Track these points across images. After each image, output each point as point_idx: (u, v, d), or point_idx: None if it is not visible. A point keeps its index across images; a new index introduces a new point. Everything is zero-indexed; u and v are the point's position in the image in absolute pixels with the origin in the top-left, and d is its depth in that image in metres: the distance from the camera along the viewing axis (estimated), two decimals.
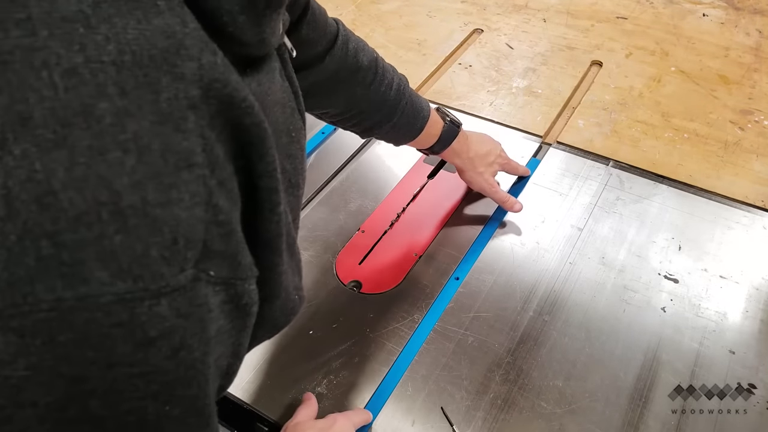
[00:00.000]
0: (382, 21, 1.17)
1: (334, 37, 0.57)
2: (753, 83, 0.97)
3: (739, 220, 0.76)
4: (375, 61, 0.62)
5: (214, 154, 0.26)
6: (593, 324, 0.66)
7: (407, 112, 0.66)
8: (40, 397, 0.22)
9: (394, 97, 0.64)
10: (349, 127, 0.67)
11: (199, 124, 0.25)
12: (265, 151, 0.29)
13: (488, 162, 0.77)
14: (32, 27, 0.22)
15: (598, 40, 1.08)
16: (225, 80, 0.26)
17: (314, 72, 0.57)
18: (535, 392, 0.60)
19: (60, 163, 0.22)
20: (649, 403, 0.59)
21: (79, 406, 0.23)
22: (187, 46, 0.25)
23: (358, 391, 0.61)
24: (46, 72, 0.22)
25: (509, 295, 0.69)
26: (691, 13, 1.13)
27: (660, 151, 0.86)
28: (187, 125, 0.24)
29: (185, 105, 0.24)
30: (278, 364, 0.64)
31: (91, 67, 0.22)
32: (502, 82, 1.01)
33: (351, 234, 0.77)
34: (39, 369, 0.22)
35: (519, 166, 0.82)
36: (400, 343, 0.65)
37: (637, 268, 0.71)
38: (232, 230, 0.26)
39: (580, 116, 0.93)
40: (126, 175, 0.23)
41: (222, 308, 0.26)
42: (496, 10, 1.18)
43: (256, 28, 0.29)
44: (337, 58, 0.58)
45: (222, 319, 0.27)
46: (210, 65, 0.25)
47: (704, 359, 0.62)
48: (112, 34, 0.23)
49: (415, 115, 0.67)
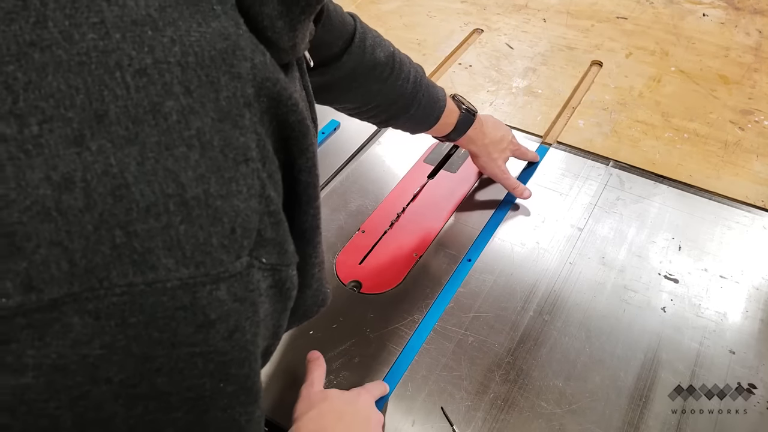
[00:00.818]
0: (382, 21, 1.17)
1: (351, 35, 0.57)
2: (753, 83, 0.97)
3: (739, 220, 0.76)
4: (392, 55, 0.62)
5: (266, 149, 0.27)
6: (593, 324, 0.66)
7: (424, 103, 0.66)
8: (114, 375, 0.24)
9: (411, 89, 0.64)
10: (367, 119, 0.68)
11: (253, 120, 0.26)
12: (306, 146, 0.31)
13: (501, 148, 0.78)
14: (106, 30, 0.23)
15: (598, 40, 1.08)
16: (275, 79, 0.27)
17: (331, 69, 0.57)
18: (535, 392, 0.60)
19: (132, 157, 0.23)
20: (649, 403, 0.59)
21: (147, 382, 0.25)
22: (242, 47, 0.26)
23: None
24: (119, 72, 0.23)
25: (509, 295, 0.69)
26: (691, 13, 1.13)
27: (660, 151, 0.86)
28: (244, 122, 0.26)
29: (242, 103, 0.26)
30: (278, 364, 0.64)
31: (159, 67, 0.24)
32: (502, 82, 1.01)
33: (351, 234, 0.77)
34: (113, 348, 0.23)
35: (528, 151, 0.83)
36: (400, 343, 0.65)
37: (638, 268, 0.71)
38: (281, 220, 0.28)
39: (580, 116, 0.93)
40: (191, 169, 0.24)
41: (268, 292, 0.28)
42: (496, 10, 1.18)
43: (291, 33, 0.30)
44: (355, 55, 0.58)
45: (267, 303, 0.28)
46: (261, 65, 0.27)
47: (704, 359, 0.62)
48: (177, 36, 0.24)
49: (432, 105, 0.68)
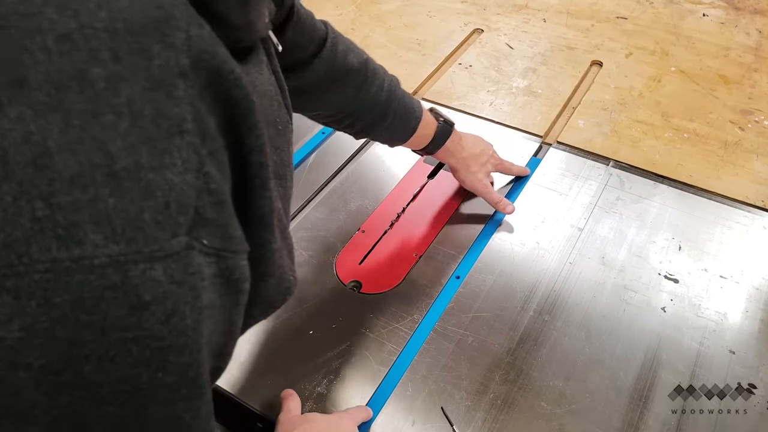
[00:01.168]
0: (382, 21, 1.17)
1: (322, 40, 0.57)
2: (753, 83, 0.97)
3: (739, 220, 0.76)
4: (365, 62, 0.62)
5: (205, 123, 0.26)
6: (593, 324, 0.66)
7: (399, 113, 0.66)
8: (35, 360, 0.22)
9: (385, 98, 0.64)
10: (343, 129, 0.67)
11: (189, 93, 0.25)
12: (253, 124, 0.29)
13: (481, 162, 0.77)
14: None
15: (598, 40, 1.08)
16: (213, 51, 0.26)
17: (302, 75, 0.57)
18: (535, 392, 0.60)
19: (55, 125, 0.22)
20: (649, 403, 0.59)
21: (73, 370, 0.23)
22: (176, 17, 0.25)
23: (358, 391, 0.61)
24: (40, 37, 0.22)
25: (509, 295, 0.69)
26: (691, 13, 1.13)
27: (660, 151, 0.86)
28: (178, 92, 0.25)
29: (176, 72, 0.25)
30: (278, 363, 0.64)
31: (84, 32, 0.23)
32: (502, 82, 1.01)
33: (351, 234, 0.77)
34: (34, 331, 0.22)
35: (513, 166, 0.82)
36: (400, 343, 0.65)
37: (637, 268, 0.71)
38: (224, 200, 0.27)
39: (580, 116, 0.93)
40: (120, 138, 0.23)
41: (213, 281, 0.26)
42: (496, 10, 1.18)
43: (243, 9, 0.30)
44: (326, 61, 0.58)
45: (213, 293, 0.27)
46: (198, 37, 0.26)
47: (704, 359, 0.62)
48: (104, 1, 0.23)
49: (407, 116, 0.67)
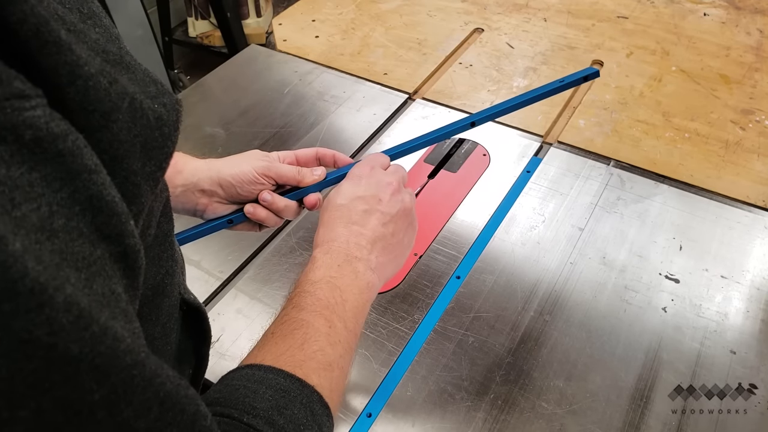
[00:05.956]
0: (383, 20, 1.17)
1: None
2: (754, 83, 0.97)
3: (740, 219, 0.76)
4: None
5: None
6: (594, 324, 0.65)
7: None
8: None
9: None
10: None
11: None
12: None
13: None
14: None
15: (598, 39, 1.08)
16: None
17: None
18: (536, 393, 0.60)
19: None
20: (649, 403, 0.59)
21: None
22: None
23: (358, 391, 0.61)
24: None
25: (510, 295, 0.69)
26: (692, 13, 1.13)
27: (661, 151, 0.86)
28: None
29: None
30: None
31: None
32: (502, 81, 1.01)
33: None
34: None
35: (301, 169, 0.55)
36: (400, 344, 0.65)
37: (638, 268, 0.71)
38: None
39: (581, 116, 0.93)
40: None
41: (14, 163, 0.20)
42: (496, 10, 1.18)
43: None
44: None
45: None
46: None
47: (705, 359, 0.62)
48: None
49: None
